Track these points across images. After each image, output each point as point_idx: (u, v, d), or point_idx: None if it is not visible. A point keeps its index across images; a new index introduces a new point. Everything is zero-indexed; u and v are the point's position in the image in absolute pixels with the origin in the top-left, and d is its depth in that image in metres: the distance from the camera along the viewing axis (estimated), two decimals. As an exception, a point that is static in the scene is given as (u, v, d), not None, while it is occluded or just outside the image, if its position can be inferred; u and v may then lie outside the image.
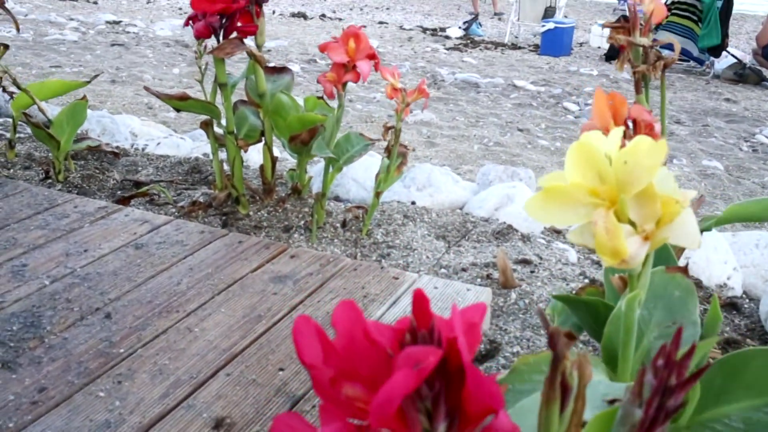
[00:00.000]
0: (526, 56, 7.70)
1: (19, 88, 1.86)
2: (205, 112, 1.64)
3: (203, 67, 1.66)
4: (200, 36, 1.53)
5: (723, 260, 1.58)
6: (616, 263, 0.59)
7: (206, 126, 1.69)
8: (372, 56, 1.48)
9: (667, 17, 7.17)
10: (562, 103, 4.97)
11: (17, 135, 2.14)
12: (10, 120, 2.29)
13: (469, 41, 8.35)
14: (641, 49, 1.10)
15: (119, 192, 1.90)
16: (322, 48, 1.46)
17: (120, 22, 7.75)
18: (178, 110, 1.60)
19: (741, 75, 6.97)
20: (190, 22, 1.51)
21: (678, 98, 5.80)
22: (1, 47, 1.96)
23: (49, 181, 1.90)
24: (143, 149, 2.30)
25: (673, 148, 4.10)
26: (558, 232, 1.97)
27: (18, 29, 1.97)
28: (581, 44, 8.79)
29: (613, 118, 1.03)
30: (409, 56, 6.82)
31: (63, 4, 9.72)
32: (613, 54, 7.79)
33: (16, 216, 1.51)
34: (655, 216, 0.60)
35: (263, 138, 1.70)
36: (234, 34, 1.56)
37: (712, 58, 7.23)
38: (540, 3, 8.91)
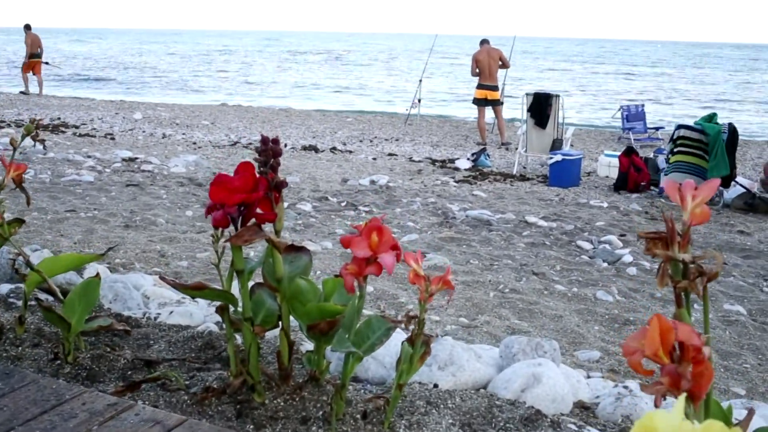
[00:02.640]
0: (536, 188, 7.78)
1: (31, 268, 1.83)
2: (221, 300, 1.60)
3: (220, 251, 1.63)
4: (218, 226, 1.51)
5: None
6: None
7: (222, 311, 1.63)
8: (395, 247, 1.44)
9: (674, 154, 7.25)
10: (576, 241, 4.94)
11: (28, 303, 2.10)
12: (22, 286, 2.24)
13: (478, 173, 8.46)
14: (681, 263, 1.05)
15: (130, 372, 1.83)
16: (345, 243, 1.43)
17: (136, 159, 7.92)
18: (194, 297, 1.56)
19: (751, 204, 6.99)
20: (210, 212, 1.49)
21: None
22: (15, 224, 1.95)
23: (58, 362, 1.84)
24: (155, 318, 2.25)
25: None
26: (587, 408, 1.87)
27: (29, 204, 1.96)
28: (589, 174, 8.90)
29: (662, 344, 0.97)
30: (419, 190, 6.88)
31: (81, 140, 10.00)
32: (621, 184, 7.87)
33: (22, 416, 1.44)
34: None
35: (280, 322, 1.65)
36: (252, 221, 1.54)
37: (721, 188, 7.28)
38: (547, 135, 9.10)
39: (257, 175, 1.53)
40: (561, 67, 43.31)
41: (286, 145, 10.26)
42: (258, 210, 1.56)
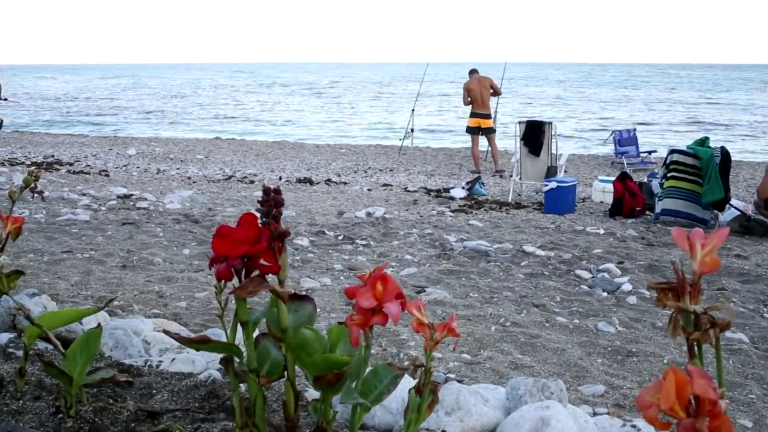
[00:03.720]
0: (531, 216, 7.79)
1: (32, 323, 1.81)
2: (227, 352, 1.58)
3: (223, 302, 1.61)
4: (222, 278, 1.49)
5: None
6: None
7: (226, 363, 1.62)
8: (400, 296, 1.43)
9: (668, 179, 7.25)
10: (574, 270, 4.94)
11: (29, 352, 2.08)
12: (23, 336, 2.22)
13: (473, 201, 8.48)
14: (693, 314, 1.04)
15: (134, 425, 1.80)
16: (350, 294, 1.42)
17: (131, 195, 7.91)
18: (198, 350, 1.54)
19: (746, 227, 7.00)
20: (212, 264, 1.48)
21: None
22: (14, 276, 1.93)
23: (60, 416, 1.81)
24: (157, 366, 2.23)
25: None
26: (597, 449, 1.86)
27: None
28: (584, 200, 8.93)
29: (678, 398, 0.96)
30: (416, 222, 6.89)
31: (76, 178, 9.99)
32: (616, 210, 7.89)
33: (25, 477, 1.42)
34: None
35: (286, 372, 1.63)
36: (256, 272, 1.53)
37: (716, 212, 7.30)
38: (541, 162, 9.14)
39: (260, 226, 1.53)
40: (551, 92, 43.69)
41: (281, 178, 10.28)
42: (262, 261, 1.55)
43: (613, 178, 8.52)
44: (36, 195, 1.97)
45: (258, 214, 1.59)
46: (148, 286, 4.13)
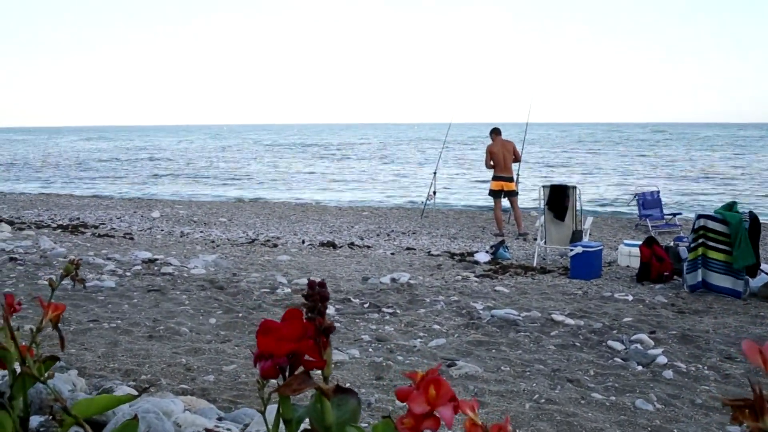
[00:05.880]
0: (557, 281, 7.70)
1: (68, 413, 1.78)
2: (269, 454, 1.53)
3: (266, 397, 1.57)
4: (267, 376, 1.45)
5: None
6: None
7: (268, 461, 1.57)
8: (453, 398, 1.38)
9: (697, 246, 7.12)
10: (606, 341, 4.84)
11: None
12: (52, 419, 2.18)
13: (498, 266, 8.41)
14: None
15: None
16: (402, 397, 1.37)
17: (156, 260, 7.93)
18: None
19: (778, 293, 6.86)
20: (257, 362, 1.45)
21: (720, 325, 5.64)
22: (50, 362, 1.90)
23: None
24: (190, 453, 2.18)
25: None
26: None
27: (63, 348, 1.92)
28: (609, 264, 8.82)
29: None
30: (441, 288, 6.82)
31: (101, 241, 10.06)
32: (643, 275, 7.78)
33: None
34: None
35: (328, 471, 1.57)
36: (300, 368, 1.49)
37: (747, 277, 7.17)
38: (565, 227, 9.08)
39: (305, 321, 1.50)
40: (570, 152, 43.83)
41: (303, 242, 10.29)
42: (306, 356, 1.52)
43: (638, 242, 8.43)
44: (77, 283, 1.95)
45: (302, 308, 1.57)
46: (175, 358, 4.09)
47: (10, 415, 1.88)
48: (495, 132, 11.31)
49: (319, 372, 1.59)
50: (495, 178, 11.15)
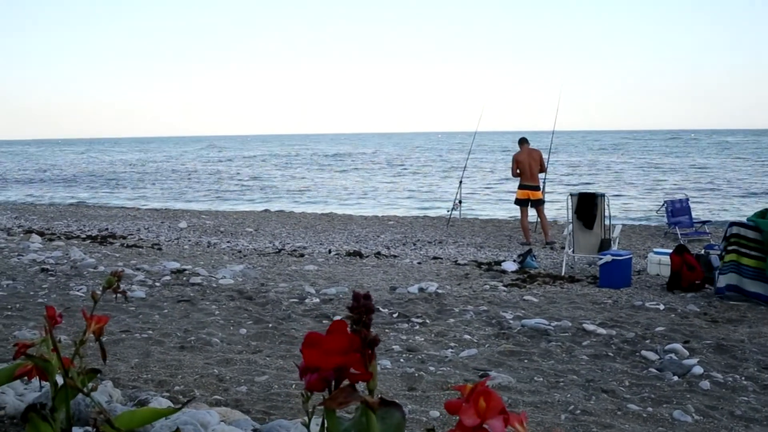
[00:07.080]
0: (587, 290, 7.62)
1: (112, 426, 1.78)
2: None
3: (310, 410, 1.57)
4: (313, 390, 1.44)
5: None
6: None
7: (312, 474, 1.56)
8: (503, 411, 1.37)
9: (728, 253, 7.03)
10: (639, 351, 4.78)
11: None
12: (90, 429, 2.19)
13: (526, 275, 8.35)
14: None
15: None
16: (452, 409, 1.35)
17: (184, 270, 7.97)
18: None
19: (812, 302, 6.74)
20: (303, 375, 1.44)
21: (755, 334, 5.54)
22: (92, 374, 1.91)
23: None
24: (229, 466, 2.18)
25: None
26: None
27: (105, 360, 1.93)
28: (639, 272, 8.71)
29: None
30: (469, 297, 6.78)
31: (129, 252, 10.14)
32: (674, 284, 7.68)
33: None
34: None
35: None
36: (346, 381, 1.48)
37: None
38: (594, 235, 9.00)
39: (350, 333, 1.49)
40: (595, 159, 43.53)
41: (330, 251, 10.30)
42: (352, 369, 1.51)
43: (668, 250, 8.33)
44: (119, 296, 1.96)
45: (348, 321, 1.56)
46: (208, 369, 4.11)
47: (53, 426, 1.89)
48: (522, 141, 11.29)
49: (364, 384, 1.58)
50: (521, 187, 11.10)
